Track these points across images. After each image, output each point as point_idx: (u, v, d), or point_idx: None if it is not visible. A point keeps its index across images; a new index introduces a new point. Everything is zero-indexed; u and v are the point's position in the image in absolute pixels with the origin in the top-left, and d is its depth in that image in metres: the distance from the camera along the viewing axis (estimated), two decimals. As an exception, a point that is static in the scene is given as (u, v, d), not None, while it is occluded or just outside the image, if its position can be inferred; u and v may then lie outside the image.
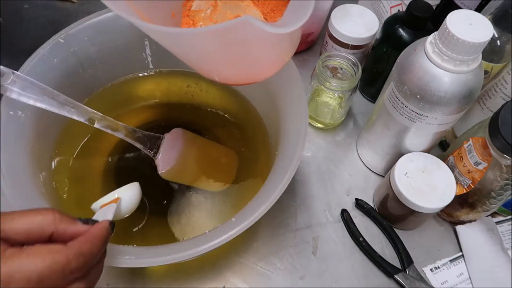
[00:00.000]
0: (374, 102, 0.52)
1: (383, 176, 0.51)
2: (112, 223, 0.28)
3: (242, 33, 0.27)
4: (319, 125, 0.55)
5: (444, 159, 0.44)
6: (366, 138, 0.50)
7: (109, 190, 0.34)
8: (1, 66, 0.33)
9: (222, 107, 0.50)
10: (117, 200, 0.34)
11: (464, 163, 0.41)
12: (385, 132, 0.45)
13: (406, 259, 0.45)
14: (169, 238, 0.42)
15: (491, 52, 0.42)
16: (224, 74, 0.36)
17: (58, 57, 0.41)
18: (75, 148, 0.45)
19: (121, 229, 0.42)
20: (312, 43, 0.63)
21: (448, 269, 0.46)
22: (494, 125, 0.36)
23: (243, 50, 0.31)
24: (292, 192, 0.49)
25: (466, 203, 0.44)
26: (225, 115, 0.50)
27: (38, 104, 0.35)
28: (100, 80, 0.48)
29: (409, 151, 0.45)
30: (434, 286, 0.44)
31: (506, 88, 0.42)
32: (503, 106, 0.36)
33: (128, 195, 0.35)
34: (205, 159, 0.47)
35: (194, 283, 0.43)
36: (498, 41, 0.42)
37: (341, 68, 0.51)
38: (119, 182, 0.45)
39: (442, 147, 0.53)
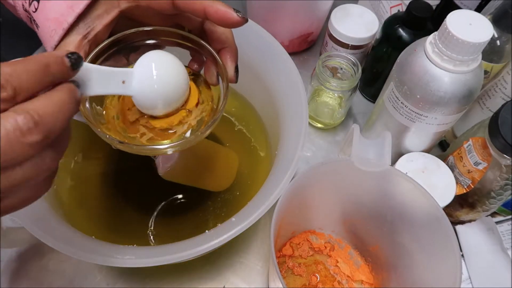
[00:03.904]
0: (374, 102, 0.52)
1: (383, 176, 0.51)
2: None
3: None
4: (319, 125, 0.55)
5: (444, 159, 0.44)
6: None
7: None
8: None
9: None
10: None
11: (464, 163, 0.41)
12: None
13: (406, 259, 0.45)
14: (169, 238, 0.42)
15: (491, 52, 0.42)
16: None
17: (58, 57, 0.41)
18: (75, 149, 0.45)
19: (121, 229, 0.42)
20: (312, 43, 0.63)
21: (448, 269, 0.46)
22: (494, 125, 0.36)
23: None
24: (292, 192, 0.49)
25: (466, 203, 0.44)
26: (225, 115, 0.50)
27: (38, 104, 0.34)
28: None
29: (409, 151, 0.45)
30: (434, 286, 0.44)
31: (506, 88, 0.42)
32: (503, 106, 0.36)
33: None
34: (205, 159, 0.47)
35: (194, 283, 0.43)
36: (498, 41, 0.42)
37: (341, 68, 0.51)
38: (119, 183, 0.45)
39: (442, 147, 0.53)
